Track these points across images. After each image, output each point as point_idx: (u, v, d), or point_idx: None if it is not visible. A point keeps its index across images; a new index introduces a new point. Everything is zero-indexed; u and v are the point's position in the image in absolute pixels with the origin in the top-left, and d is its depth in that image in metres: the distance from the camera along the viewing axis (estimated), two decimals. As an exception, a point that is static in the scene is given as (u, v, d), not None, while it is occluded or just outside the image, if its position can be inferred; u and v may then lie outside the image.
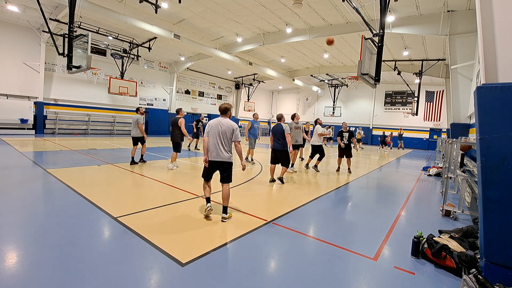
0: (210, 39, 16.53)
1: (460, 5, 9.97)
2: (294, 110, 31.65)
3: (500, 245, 2.34)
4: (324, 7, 11.40)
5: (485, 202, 2.41)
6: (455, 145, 5.05)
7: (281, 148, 6.17)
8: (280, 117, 6.51)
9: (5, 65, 14.55)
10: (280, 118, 6.48)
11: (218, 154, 3.68)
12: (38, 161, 7.36)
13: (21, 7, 12.41)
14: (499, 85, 2.37)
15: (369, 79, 6.58)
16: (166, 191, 5.08)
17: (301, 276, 2.48)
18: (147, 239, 2.96)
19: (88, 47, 8.30)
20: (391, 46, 15.21)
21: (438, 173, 8.86)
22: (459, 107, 10.78)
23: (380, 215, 4.49)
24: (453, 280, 2.57)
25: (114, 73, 18.76)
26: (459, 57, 10.27)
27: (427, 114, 23.56)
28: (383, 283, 2.47)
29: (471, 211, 4.72)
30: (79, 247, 2.74)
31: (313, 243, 3.23)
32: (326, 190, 5.97)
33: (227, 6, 11.85)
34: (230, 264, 2.63)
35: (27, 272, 2.27)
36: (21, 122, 14.93)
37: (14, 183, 5.07)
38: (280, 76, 22.70)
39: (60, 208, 3.88)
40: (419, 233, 3.05)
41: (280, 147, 6.17)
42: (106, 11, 11.40)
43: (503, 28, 2.41)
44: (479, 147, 2.44)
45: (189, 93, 25.26)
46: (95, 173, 6.25)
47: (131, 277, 2.27)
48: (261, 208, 4.39)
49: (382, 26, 6.76)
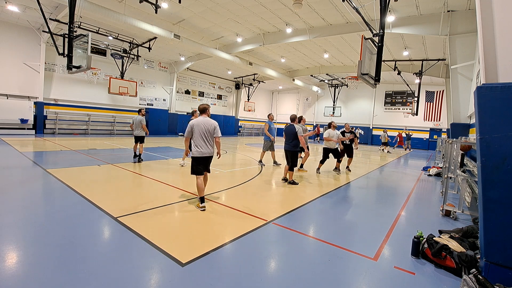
0: (210, 39, 16.53)
1: (460, 5, 9.97)
2: (294, 110, 31.67)
3: (500, 245, 2.34)
4: (324, 7, 11.40)
5: (485, 202, 2.41)
6: (455, 145, 5.05)
7: (291, 149, 6.14)
8: (294, 118, 6.41)
9: (5, 65, 14.55)
10: (293, 119, 6.39)
11: (208, 150, 4.21)
12: (38, 161, 7.36)
13: (21, 7, 12.41)
14: (499, 85, 2.37)
15: (369, 79, 6.58)
16: (166, 191, 5.08)
17: (301, 276, 2.48)
18: (147, 239, 2.96)
19: (88, 47, 8.30)
20: (391, 46, 15.21)
21: (438, 173, 8.86)
22: (459, 107, 10.78)
23: (380, 215, 4.49)
24: (453, 280, 2.57)
25: (114, 73, 18.77)
26: (459, 57, 10.27)
27: (427, 114, 23.56)
28: (383, 283, 2.47)
29: (471, 211, 4.72)
30: (79, 247, 2.74)
31: (313, 243, 3.23)
32: (326, 190, 5.97)
33: (227, 6, 11.85)
34: (230, 264, 2.62)
35: (27, 272, 2.27)
36: (21, 122, 14.93)
37: (14, 183, 5.07)
38: (280, 76, 22.70)
39: (60, 208, 3.88)
40: (419, 233, 3.05)
41: (290, 147, 6.14)
42: (106, 11, 11.40)
43: (503, 28, 2.41)
44: (479, 147, 2.44)
45: (189, 93, 25.26)
46: (95, 173, 6.25)
47: (131, 277, 2.27)
48: (261, 208, 4.39)
49: (382, 26, 6.75)
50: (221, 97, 28.63)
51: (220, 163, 8.88)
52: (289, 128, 6.17)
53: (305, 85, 26.57)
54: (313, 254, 2.95)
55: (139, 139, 8.22)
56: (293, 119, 6.42)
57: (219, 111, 28.14)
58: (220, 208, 4.25)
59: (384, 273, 2.63)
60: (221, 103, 28.62)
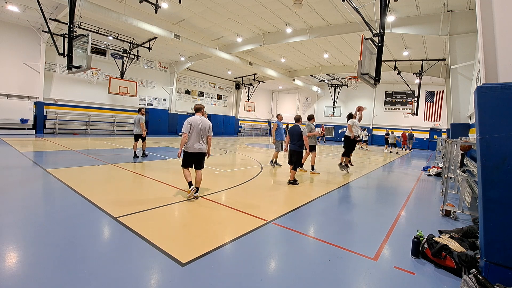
0: (210, 39, 16.53)
1: (460, 5, 9.97)
2: (294, 110, 31.69)
3: (500, 245, 2.34)
4: (324, 7, 11.40)
5: (485, 202, 2.41)
6: (455, 145, 5.05)
7: (297, 149, 6.21)
8: (299, 119, 6.54)
9: (5, 65, 14.55)
10: (298, 120, 6.51)
11: (200, 147, 4.58)
12: (38, 161, 7.36)
13: (21, 7, 12.41)
14: (499, 85, 2.37)
15: (369, 79, 6.58)
16: (166, 191, 5.08)
17: (301, 276, 2.47)
18: (147, 239, 2.96)
19: (88, 47, 8.30)
20: (391, 46, 15.21)
21: (438, 173, 8.85)
22: (459, 107, 10.78)
23: (380, 215, 4.49)
24: (453, 280, 2.57)
25: (114, 73, 18.77)
26: (459, 57, 10.27)
27: (427, 114, 23.56)
28: (383, 283, 2.47)
29: (471, 211, 4.72)
30: (79, 247, 2.74)
31: (313, 243, 3.23)
32: (326, 190, 5.97)
33: (227, 6, 11.85)
34: (230, 264, 2.62)
35: (27, 272, 2.27)
36: (21, 122, 14.93)
37: (14, 183, 5.07)
38: (280, 76, 22.70)
39: (60, 208, 3.88)
40: (419, 233, 3.05)
41: (296, 148, 6.21)
42: (106, 11, 11.40)
43: (503, 28, 2.41)
44: (479, 147, 2.44)
45: (189, 93, 25.26)
46: (95, 173, 6.25)
47: (131, 277, 2.27)
48: (261, 208, 4.39)
49: (382, 26, 6.75)
50: (221, 97, 28.63)
51: (220, 163, 8.89)
52: (295, 128, 6.23)
53: (305, 85, 26.57)
54: (313, 254, 2.95)
55: (139, 137, 8.70)
56: (298, 119, 6.52)
57: (219, 111, 28.14)
58: (220, 208, 4.25)
59: (384, 273, 2.63)
60: (221, 103, 28.62)
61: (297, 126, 6.25)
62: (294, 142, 6.21)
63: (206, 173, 6.94)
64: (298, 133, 6.15)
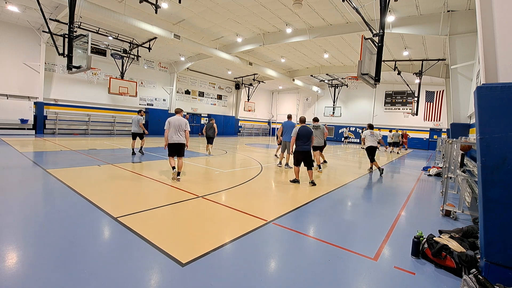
0: (210, 39, 16.53)
1: (460, 5, 9.97)
2: (294, 110, 31.69)
3: (500, 245, 2.34)
4: (324, 7, 11.40)
5: (485, 202, 2.41)
6: (455, 145, 5.05)
7: (309, 149, 6.25)
8: (304, 119, 6.59)
9: (5, 65, 14.56)
10: (303, 121, 6.54)
11: (178, 139, 5.92)
12: (38, 161, 7.36)
13: (21, 7, 12.41)
14: (499, 85, 2.37)
15: (369, 79, 6.58)
16: (166, 191, 5.08)
17: (301, 276, 2.47)
18: (147, 239, 2.96)
19: (88, 47, 8.31)
20: (391, 46, 15.21)
21: (438, 173, 8.85)
22: (459, 107, 10.78)
23: (380, 215, 4.49)
24: (453, 280, 2.57)
25: (114, 73, 18.77)
26: (459, 57, 10.27)
27: (427, 114, 23.56)
28: (383, 283, 2.47)
29: (471, 211, 4.71)
30: (79, 247, 2.74)
31: (313, 243, 3.23)
32: (326, 190, 5.97)
33: (227, 6, 11.85)
34: (230, 264, 2.62)
35: (27, 272, 2.27)
36: (21, 122, 14.93)
37: (14, 183, 5.07)
38: (280, 76, 22.70)
39: (60, 208, 3.88)
40: (419, 233, 3.05)
41: (308, 148, 6.24)
42: (106, 11, 11.40)
43: (503, 28, 2.41)
44: (479, 147, 2.44)
45: (189, 93, 25.27)
46: (95, 173, 6.25)
47: (131, 277, 2.27)
48: (261, 208, 4.39)
49: (382, 26, 6.76)
50: (221, 97, 28.63)
51: (220, 163, 8.89)
52: (305, 129, 6.21)
53: (305, 85, 26.57)
54: (313, 254, 2.95)
55: (137, 136, 9.25)
56: (303, 120, 6.57)
57: (219, 111, 28.15)
58: (220, 208, 4.25)
59: (384, 273, 2.63)
60: (221, 103, 28.62)
61: (306, 127, 6.26)
62: (306, 143, 6.23)
63: (206, 173, 6.95)
64: (309, 133, 6.20)
